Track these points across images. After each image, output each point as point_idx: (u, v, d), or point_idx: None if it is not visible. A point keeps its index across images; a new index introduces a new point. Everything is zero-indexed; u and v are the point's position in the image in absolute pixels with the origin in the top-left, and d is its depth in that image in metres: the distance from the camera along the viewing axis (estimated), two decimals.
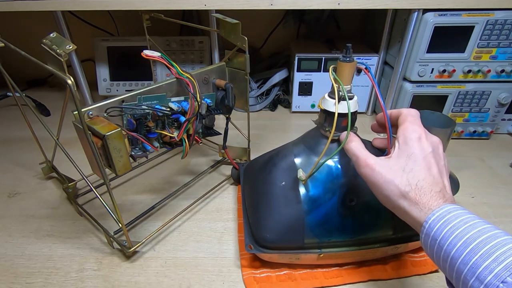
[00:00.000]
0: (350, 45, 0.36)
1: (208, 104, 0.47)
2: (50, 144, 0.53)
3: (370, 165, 0.33)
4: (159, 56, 0.42)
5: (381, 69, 0.79)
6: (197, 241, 0.47)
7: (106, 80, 0.86)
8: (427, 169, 0.31)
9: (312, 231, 0.39)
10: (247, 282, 0.41)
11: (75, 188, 0.55)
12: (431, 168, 0.32)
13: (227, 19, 0.47)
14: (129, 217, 0.50)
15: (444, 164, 0.34)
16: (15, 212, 0.53)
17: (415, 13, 0.63)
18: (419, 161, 0.32)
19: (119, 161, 0.36)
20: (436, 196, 0.30)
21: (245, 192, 0.50)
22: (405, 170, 0.31)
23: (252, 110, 0.87)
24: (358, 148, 0.35)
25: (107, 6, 0.65)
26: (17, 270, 0.43)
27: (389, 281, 0.41)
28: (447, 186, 0.32)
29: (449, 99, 0.69)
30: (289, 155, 0.43)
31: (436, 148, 0.33)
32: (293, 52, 0.81)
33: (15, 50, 0.38)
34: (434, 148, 0.33)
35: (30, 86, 1.03)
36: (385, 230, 0.41)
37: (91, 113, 0.36)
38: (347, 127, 0.36)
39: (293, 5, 0.64)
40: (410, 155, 0.32)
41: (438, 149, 0.34)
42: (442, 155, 0.34)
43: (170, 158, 0.67)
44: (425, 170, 0.31)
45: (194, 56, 0.84)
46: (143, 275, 0.42)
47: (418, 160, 0.32)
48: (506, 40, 0.62)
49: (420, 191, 0.30)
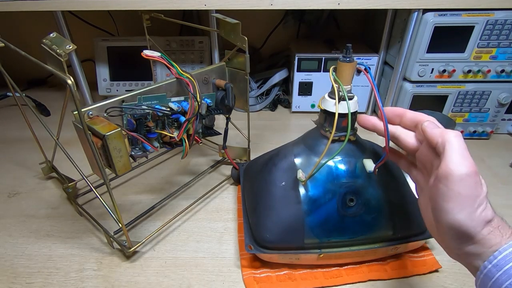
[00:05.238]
0: (350, 45, 0.36)
1: (208, 104, 0.47)
2: (50, 144, 0.53)
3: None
4: (159, 56, 0.42)
5: (381, 69, 0.79)
6: (197, 241, 0.47)
7: (106, 80, 0.86)
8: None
9: (312, 231, 0.39)
10: (247, 282, 0.41)
11: (75, 188, 0.55)
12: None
13: (227, 19, 0.47)
14: (129, 217, 0.50)
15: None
16: (15, 212, 0.53)
17: (415, 13, 0.62)
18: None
19: (119, 161, 0.36)
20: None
21: (245, 192, 0.50)
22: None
23: (252, 110, 0.87)
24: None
25: (107, 6, 0.65)
26: (17, 270, 0.43)
27: (389, 281, 0.41)
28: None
29: (449, 99, 0.69)
30: (289, 155, 0.43)
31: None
32: (293, 52, 0.81)
33: (15, 50, 0.38)
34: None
35: (30, 86, 1.03)
36: (385, 230, 0.41)
37: (91, 113, 0.36)
38: (347, 127, 0.36)
39: (293, 5, 0.64)
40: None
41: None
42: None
43: (170, 158, 0.67)
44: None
45: (194, 56, 0.84)
46: (143, 275, 0.42)
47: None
48: (506, 40, 0.62)
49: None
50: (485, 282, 0.26)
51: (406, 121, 0.34)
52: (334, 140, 0.39)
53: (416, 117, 0.33)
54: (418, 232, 0.42)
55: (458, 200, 0.26)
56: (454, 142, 0.27)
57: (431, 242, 0.46)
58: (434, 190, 0.28)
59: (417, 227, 0.42)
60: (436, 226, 0.29)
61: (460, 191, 0.26)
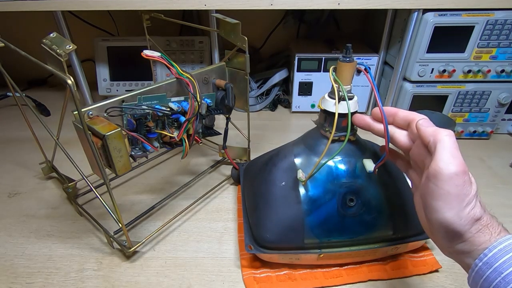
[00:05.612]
0: (350, 45, 0.36)
1: (208, 104, 0.47)
2: (50, 144, 0.53)
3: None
4: (159, 56, 0.42)
5: (381, 69, 0.79)
6: (197, 241, 0.47)
7: (106, 80, 0.86)
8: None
9: (312, 231, 0.39)
10: (247, 282, 0.41)
11: (75, 188, 0.55)
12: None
13: (227, 19, 0.47)
14: (129, 217, 0.50)
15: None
16: (15, 212, 0.52)
17: (415, 13, 0.62)
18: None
19: (119, 161, 0.36)
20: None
21: (245, 192, 0.50)
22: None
23: (252, 110, 0.87)
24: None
25: (107, 6, 0.65)
26: (17, 270, 0.43)
27: (389, 281, 0.41)
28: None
29: (449, 99, 0.69)
30: (289, 155, 0.43)
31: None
32: (293, 52, 0.81)
33: (15, 50, 0.38)
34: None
35: (30, 86, 1.03)
36: (385, 230, 0.41)
37: (91, 113, 0.36)
38: (347, 127, 0.36)
39: (293, 5, 0.64)
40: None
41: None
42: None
43: (170, 158, 0.67)
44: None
45: (194, 56, 0.84)
46: (143, 275, 0.42)
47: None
48: (506, 40, 0.62)
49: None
50: (476, 279, 0.26)
51: (398, 120, 0.34)
52: (334, 140, 0.39)
53: (409, 116, 0.33)
54: (418, 232, 0.42)
55: (447, 198, 0.26)
56: (446, 141, 0.28)
57: (431, 242, 0.46)
58: (424, 188, 0.29)
59: (417, 227, 0.42)
60: (428, 224, 0.30)
61: (449, 190, 0.26)
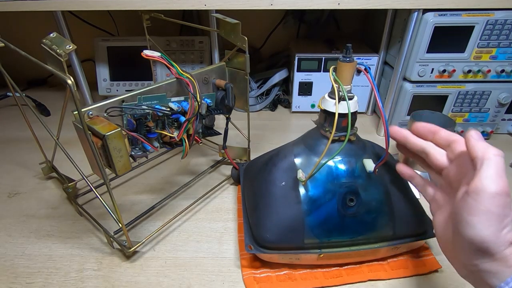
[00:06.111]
0: (350, 45, 0.36)
1: (208, 104, 0.47)
2: (50, 144, 0.53)
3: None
4: (159, 56, 0.42)
5: (381, 69, 0.79)
6: (197, 241, 0.47)
7: (106, 80, 0.86)
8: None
9: (312, 231, 0.39)
10: (247, 282, 0.41)
11: (75, 188, 0.55)
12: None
13: (227, 19, 0.47)
14: (129, 217, 0.50)
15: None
16: (15, 212, 0.53)
17: (415, 13, 0.62)
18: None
19: (119, 161, 0.36)
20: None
21: (245, 192, 0.50)
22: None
23: (252, 110, 0.87)
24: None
25: (107, 6, 0.65)
26: (17, 270, 0.43)
27: (389, 281, 0.41)
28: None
29: (449, 99, 0.69)
30: (289, 155, 0.43)
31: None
32: (293, 52, 0.81)
33: (15, 50, 0.38)
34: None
35: (30, 86, 1.03)
36: (385, 230, 0.41)
37: (91, 113, 0.36)
38: (347, 127, 0.36)
39: (293, 5, 0.64)
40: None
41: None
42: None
43: (170, 158, 0.67)
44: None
45: (194, 56, 0.84)
46: (143, 275, 0.42)
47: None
48: (506, 40, 0.62)
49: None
50: None
51: (439, 139, 0.34)
52: (334, 140, 0.39)
53: (451, 137, 0.33)
54: (418, 232, 0.42)
55: (486, 216, 0.26)
56: (494, 160, 0.27)
57: (431, 242, 0.46)
58: (462, 203, 0.28)
59: (417, 227, 0.42)
60: (454, 240, 0.29)
61: (490, 208, 0.26)
